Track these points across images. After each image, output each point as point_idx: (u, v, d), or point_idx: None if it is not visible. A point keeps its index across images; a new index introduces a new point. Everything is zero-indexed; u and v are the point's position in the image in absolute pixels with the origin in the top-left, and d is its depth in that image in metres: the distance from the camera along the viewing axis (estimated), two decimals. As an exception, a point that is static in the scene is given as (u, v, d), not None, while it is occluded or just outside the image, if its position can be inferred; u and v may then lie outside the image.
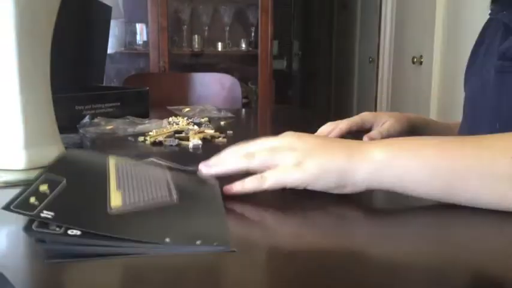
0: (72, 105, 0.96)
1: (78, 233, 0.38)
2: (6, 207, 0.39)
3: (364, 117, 0.85)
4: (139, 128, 0.92)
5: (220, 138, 0.88)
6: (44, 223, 0.38)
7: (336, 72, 4.46)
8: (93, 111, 0.99)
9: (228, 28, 2.77)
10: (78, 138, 0.84)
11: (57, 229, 0.38)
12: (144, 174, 0.52)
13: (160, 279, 0.34)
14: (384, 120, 0.84)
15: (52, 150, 0.61)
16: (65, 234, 0.37)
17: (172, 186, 0.49)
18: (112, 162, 0.53)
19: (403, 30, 2.77)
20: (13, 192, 0.40)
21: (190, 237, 0.39)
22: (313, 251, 0.39)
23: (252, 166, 0.51)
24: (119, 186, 0.46)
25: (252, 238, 0.44)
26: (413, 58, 2.50)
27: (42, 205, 0.40)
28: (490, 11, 0.79)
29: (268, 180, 0.50)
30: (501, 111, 0.68)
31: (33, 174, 0.57)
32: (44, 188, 0.43)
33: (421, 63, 2.44)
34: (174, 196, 0.47)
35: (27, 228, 0.38)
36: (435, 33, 2.24)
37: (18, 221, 0.47)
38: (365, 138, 0.78)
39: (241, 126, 1.08)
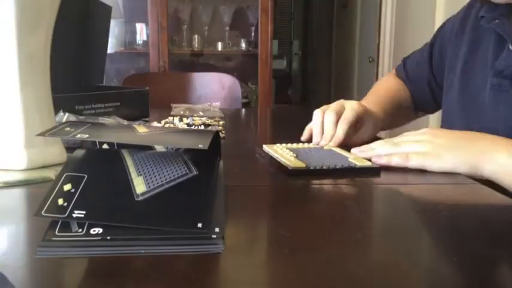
0: (72, 105, 0.96)
1: (101, 230, 0.38)
2: (38, 214, 0.39)
3: (359, 113, 0.77)
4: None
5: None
6: (66, 227, 0.38)
7: (336, 72, 4.46)
8: (93, 111, 0.99)
9: (228, 28, 2.77)
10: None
11: (80, 230, 0.38)
12: (159, 156, 0.52)
13: (160, 278, 0.34)
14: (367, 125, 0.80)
15: (52, 150, 0.62)
16: (87, 234, 0.38)
17: (188, 161, 0.50)
18: (125, 152, 0.53)
19: (403, 30, 2.77)
20: (13, 192, 0.40)
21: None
22: (313, 252, 0.39)
23: (398, 151, 0.63)
24: (139, 173, 0.47)
25: (249, 237, 0.44)
26: (413, 58, 2.50)
27: (71, 206, 0.40)
28: (482, 17, 0.76)
29: (413, 161, 0.61)
30: (497, 132, 0.65)
31: (33, 174, 0.57)
32: (68, 187, 0.42)
33: (421, 63, 2.43)
34: (194, 170, 0.48)
35: (48, 239, 0.37)
36: (435, 33, 2.24)
37: (19, 220, 0.47)
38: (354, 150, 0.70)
39: (241, 126, 1.08)
